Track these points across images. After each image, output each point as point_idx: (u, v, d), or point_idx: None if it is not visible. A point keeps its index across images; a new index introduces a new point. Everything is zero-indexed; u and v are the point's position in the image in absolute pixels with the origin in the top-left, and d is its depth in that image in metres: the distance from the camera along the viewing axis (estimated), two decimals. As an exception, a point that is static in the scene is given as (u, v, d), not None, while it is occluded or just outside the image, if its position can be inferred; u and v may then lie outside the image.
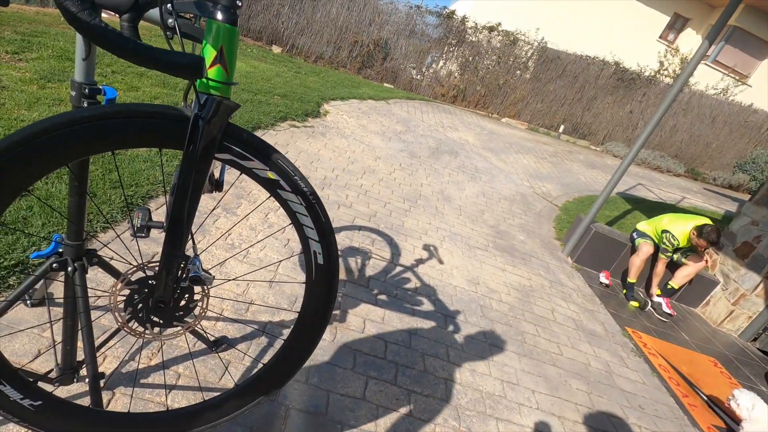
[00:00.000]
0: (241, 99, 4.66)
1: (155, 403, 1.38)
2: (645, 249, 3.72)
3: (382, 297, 2.40)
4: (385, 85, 10.40)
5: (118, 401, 1.34)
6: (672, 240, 3.63)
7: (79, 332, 1.10)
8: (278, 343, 1.79)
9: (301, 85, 6.69)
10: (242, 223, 2.56)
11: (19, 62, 3.63)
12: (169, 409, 1.19)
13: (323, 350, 1.86)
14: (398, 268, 2.76)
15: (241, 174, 0.83)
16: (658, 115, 3.50)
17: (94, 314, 1.56)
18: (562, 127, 11.46)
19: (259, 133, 4.05)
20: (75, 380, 1.23)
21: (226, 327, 1.78)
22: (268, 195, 0.84)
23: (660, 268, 3.73)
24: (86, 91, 0.92)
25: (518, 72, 11.14)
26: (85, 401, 1.29)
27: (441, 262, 3.09)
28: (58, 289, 1.55)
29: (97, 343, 1.21)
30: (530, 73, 11.15)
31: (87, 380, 1.10)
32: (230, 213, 2.61)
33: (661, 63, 14.34)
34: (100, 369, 1.40)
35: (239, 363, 1.64)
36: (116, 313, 0.75)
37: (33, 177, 0.69)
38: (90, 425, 0.88)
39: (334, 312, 2.11)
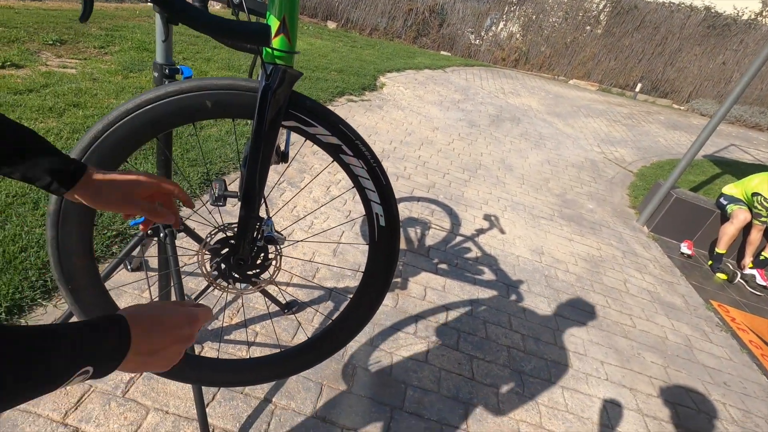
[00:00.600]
0: (300, 76, 4.77)
1: (238, 357, 1.53)
2: (741, 216, 3.33)
3: (443, 266, 2.41)
4: (442, 53, 10.08)
5: (206, 354, 1.50)
6: (765, 203, 3.23)
7: (172, 290, 1.25)
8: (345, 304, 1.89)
9: (356, 59, 6.69)
10: (305, 195, 2.67)
11: (105, 56, 3.99)
12: (247, 358, 1.32)
13: (386, 315, 1.93)
14: (458, 238, 2.75)
15: (304, 142, 0.87)
16: (757, 63, 3.07)
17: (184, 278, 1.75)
18: (639, 86, 10.45)
19: (318, 109, 4.15)
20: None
21: (296, 291, 1.91)
22: (331, 160, 0.88)
23: (755, 236, 3.35)
24: (167, 71, 1.01)
25: (588, 28, 10.24)
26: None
27: (503, 231, 3.03)
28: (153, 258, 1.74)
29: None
30: (602, 27, 10.20)
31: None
32: (295, 186, 2.74)
33: (765, 2, 12.40)
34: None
35: (308, 324, 1.75)
36: (204, 270, 0.84)
37: (128, 150, 0.78)
38: (184, 367, 1.00)
39: (395, 279, 2.16)
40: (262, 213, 0.88)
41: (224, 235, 0.83)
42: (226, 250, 0.84)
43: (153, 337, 0.46)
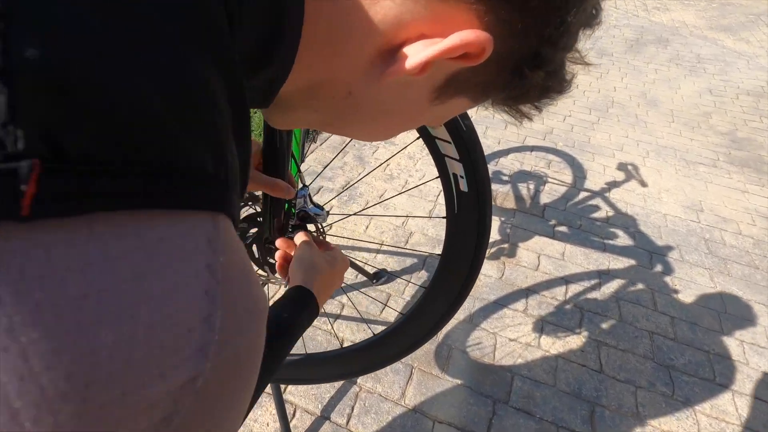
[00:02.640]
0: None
1: (322, 330, 1.43)
2: None
3: (562, 228, 2.00)
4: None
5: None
6: None
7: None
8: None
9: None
10: (401, 153, 2.44)
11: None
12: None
13: (489, 288, 1.65)
14: (582, 194, 2.27)
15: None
16: None
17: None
18: None
19: (416, 56, 3.80)
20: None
21: (386, 260, 1.74)
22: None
23: None
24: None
25: None
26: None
27: (644, 184, 2.42)
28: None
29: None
30: None
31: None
32: (389, 143, 2.52)
33: None
34: (275, 296, 1.52)
35: (398, 296, 1.58)
36: None
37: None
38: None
39: (501, 246, 1.85)
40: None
41: (253, 210, 0.66)
42: (254, 230, 0.67)
43: (327, 296, 0.56)
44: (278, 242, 0.59)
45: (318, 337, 1.41)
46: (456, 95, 0.30)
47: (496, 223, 1.98)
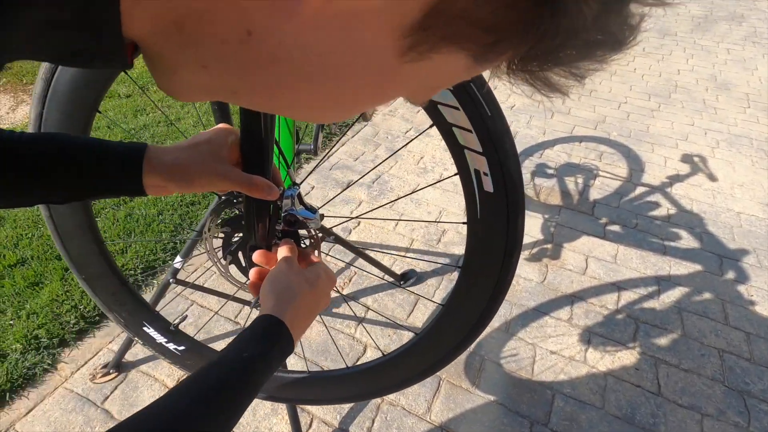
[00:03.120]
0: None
1: (345, 334, 1.35)
2: None
3: (614, 228, 1.80)
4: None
5: (312, 329, 1.36)
6: None
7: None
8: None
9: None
10: (435, 143, 2.31)
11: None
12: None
13: (529, 293, 1.50)
14: (639, 189, 2.03)
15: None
16: None
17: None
18: None
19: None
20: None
21: (416, 260, 1.62)
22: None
23: None
24: None
25: None
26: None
27: (713, 178, 2.14)
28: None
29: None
30: None
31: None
32: (424, 134, 2.39)
33: None
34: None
35: (429, 300, 1.46)
36: (215, 259, 0.60)
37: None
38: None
39: (543, 246, 1.69)
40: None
41: (236, 213, 0.57)
42: (239, 235, 0.58)
43: (309, 322, 0.48)
44: (256, 256, 0.50)
45: (340, 341, 1.33)
46: (445, 45, 0.19)
47: (538, 220, 1.81)
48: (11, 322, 1.28)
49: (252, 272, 0.48)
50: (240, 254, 0.60)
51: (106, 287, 0.79)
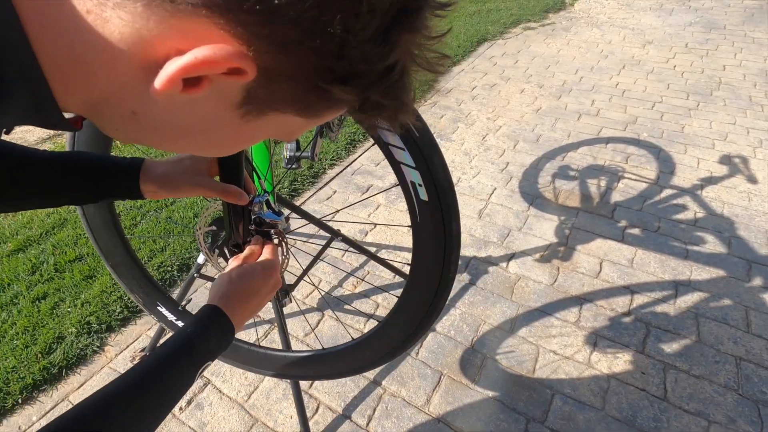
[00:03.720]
0: (467, 12, 4.27)
1: (354, 329, 1.44)
2: None
3: (634, 231, 1.77)
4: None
5: (326, 322, 1.46)
6: None
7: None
8: (480, 283, 1.57)
9: (542, -24, 5.59)
10: (455, 147, 2.35)
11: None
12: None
13: (537, 294, 1.52)
14: (666, 192, 1.98)
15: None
16: None
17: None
18: None
19: (485, 46, 3.63)
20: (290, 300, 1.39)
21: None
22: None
23: None
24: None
25: None
26: (295, 322, 1.46)
27: (753, 180, 2.03)
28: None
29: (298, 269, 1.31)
30: None
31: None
32: (445, 139, 2.44)
33: None
34: (313, 293, 1.56)
35: (436, 299, 1.52)
36: (206, 250, 0.71)
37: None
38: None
39: (556, 249, 1.69)
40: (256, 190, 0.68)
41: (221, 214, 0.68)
42: (224, 233, 0.68)
43: (249, 310, 0.54)
44: (230, 262, 0.58)
45: (348, 335, 1.41)
46: (271, 111, 0.27)
47: (552, 223, 1.82)
48: (69, 309, 1.48)
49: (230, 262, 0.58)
50: (225, 249, 0.71)
51: (128, 273, 0.94)
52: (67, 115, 0.27)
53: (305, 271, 1.17)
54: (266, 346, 1.00)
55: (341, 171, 2.19)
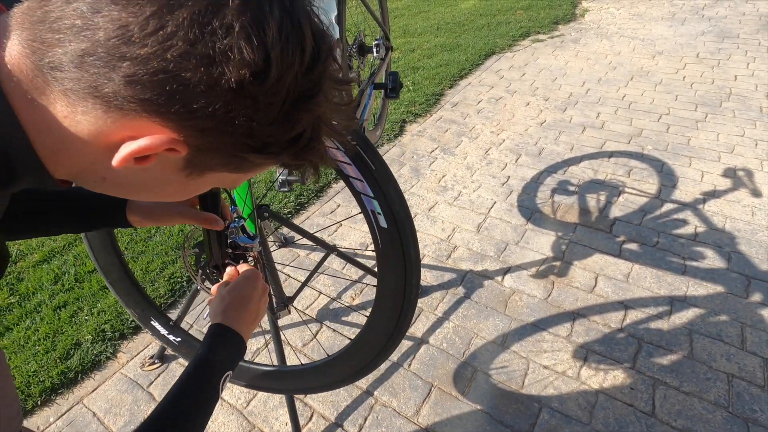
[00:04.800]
0: (476, 25, 4.32)
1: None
2: None
3: (631, 246, 1.78)
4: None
5: (324, 333, 1.52)
6: None
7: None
8: (475, 296, 1.61)
9: (554, -13, 5.61)
10: (458, 161, 2.40)
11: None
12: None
13: (530, 309, 1.55)
14: (667, 206, 1.98)
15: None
16: None
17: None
18: None
19: (492, 59, 3.67)
20: (288, 311, 1.46)
21: (424, 274, 1.73)
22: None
23: None
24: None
25: None
26: (293, 332, 1.53)
27: (757, 193, 2.02)
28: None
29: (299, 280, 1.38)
30: None
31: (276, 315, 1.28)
32: (448, 153, 2.50)
33: None
34: (313, 304, 1.63)
35: (431, 312, 1.56)
36: (191, 271, 0.79)
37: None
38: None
39: (552, 263, 1.72)
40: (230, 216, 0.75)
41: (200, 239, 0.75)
42: (204, 256, 0.75)
43: (249, 316, 0.60)
44: (213, 289, 0.64)
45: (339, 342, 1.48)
46: (208, 171, 0.35)
47: (550, 238, 1.84)
48: (86, 317, 1.59)
49: (213, 289, 0.65)
50: (207, 270, 0.78)
51: (124, 289, 1.03)
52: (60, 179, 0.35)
53: (304, 284, 1.24)
54: (249, 360, 1.07)
55: (345, 186, 2.26)
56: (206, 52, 0.27)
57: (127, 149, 0.30)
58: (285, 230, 1.95)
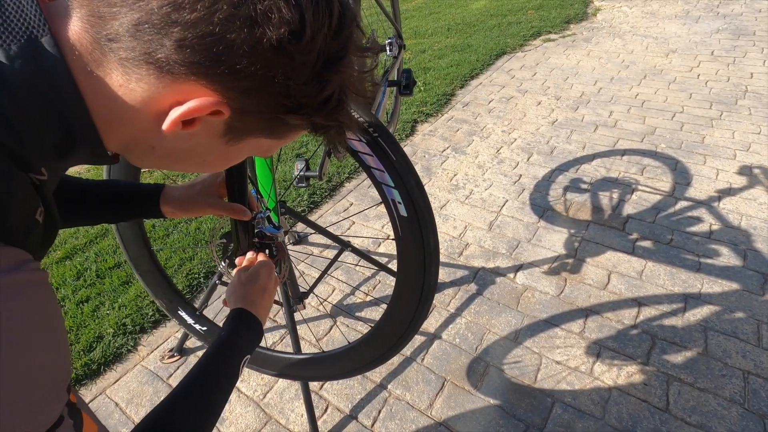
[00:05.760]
0: (487, 25, 4.33)
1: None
2: None
3: (645, 243, 1.77)
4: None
5: (337, 328, 1.55)
6: None
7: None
8: (487, 293, 1.62)
9: (565, -13, 5.59)
10: (469, 161, 2.41)
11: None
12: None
13: (542, 305, 1.55)
14: (681, 204, 1.96)
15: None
16: None
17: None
18: None
19: (503, 59, 3.68)
20: (303, 307, 1.49)
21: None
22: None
23: None
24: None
25: None
26: (311, 327, 1.55)
27: (773, 191, 1.99)
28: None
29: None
30: None
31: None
32: (459, 152, 2.51)
33: None
34: (327, 300, 1.66)
35: (443, 308, 1.58)
36: (218, 260, 0.81)
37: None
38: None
39: (565, 261, 1.72)
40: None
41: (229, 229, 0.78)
42: (232, 246, 0.78)
43: (266, 303, 0.63)
44: (234, 272, 0.68)
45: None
46: (246, 137, 0.38)
47: (562, 235, 1.84)
48: (108, 312, 1.63)
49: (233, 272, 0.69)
50: (234, 259, 0.81)
51: (154, 280, 1.07)
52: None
53: (318, 280, 1.26)
54: (270, 348, 1.09)
55: (358, 184, 2.29)
56: (249, 13, 0.30)
57: (175, 113, 0.33)
58: (298, 228, 1.98)
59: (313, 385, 1.35)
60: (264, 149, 0.42)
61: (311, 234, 1.95)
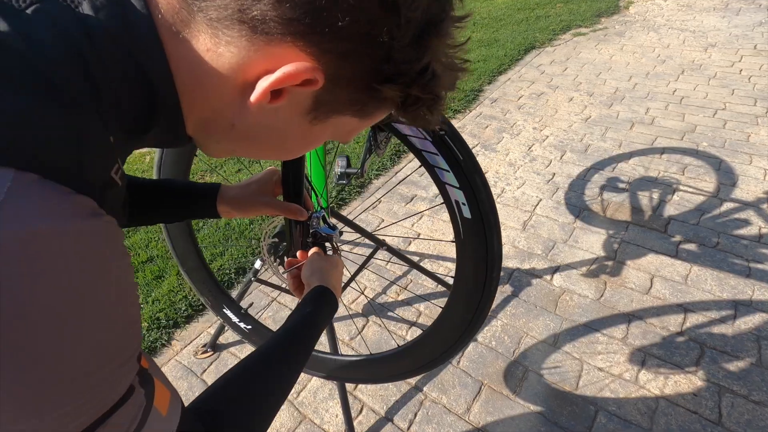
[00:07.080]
0: (515, 19, 4.23)
1: (397, 335, 1.49)
2: None
3: (689, 246, 1.69)
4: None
5: (370, 328, 1.53)
6: None
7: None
8: (523, 295, 1.57)
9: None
10: (500, 158, 2.36)
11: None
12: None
13: (582, 309, 1.50)
14: (727, 205, 1.87)
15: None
16: None
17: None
18: None
19: (532, 54, 3.59)
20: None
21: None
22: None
23: None
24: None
25: None
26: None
27: (827, 193, 1.89)
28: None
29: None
30: None
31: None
32: (489, 150, 2.45)
33: None
34: (358, 299, 1.64)
35: (478, 310, 1.54)
36: (267, 258, 0.80)
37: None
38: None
39: (604, 263, 1.66)
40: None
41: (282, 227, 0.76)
42: (285, 244, 0.76)
43: (339, 281, 0.66)
44: (287, 264, 0.68)
45: (392, 341, 1.47)
46: (333, 114, 0.35)
47: (600, 236, 1.78)
48: (141, 306, 1.65)
49: (288, 277, 0.67)
50: (286, 258, 0.79)
51: (199, 277, 1.06)
52: None
53: (352, 278, 1.24)
54: (317, 349, 1.07)
55: (387, 181, 2.26)
56: None
57: (265, 82, 0.29)
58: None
59: (348, 386, 1.33)
60: (346, 131, 0.38)
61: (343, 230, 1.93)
